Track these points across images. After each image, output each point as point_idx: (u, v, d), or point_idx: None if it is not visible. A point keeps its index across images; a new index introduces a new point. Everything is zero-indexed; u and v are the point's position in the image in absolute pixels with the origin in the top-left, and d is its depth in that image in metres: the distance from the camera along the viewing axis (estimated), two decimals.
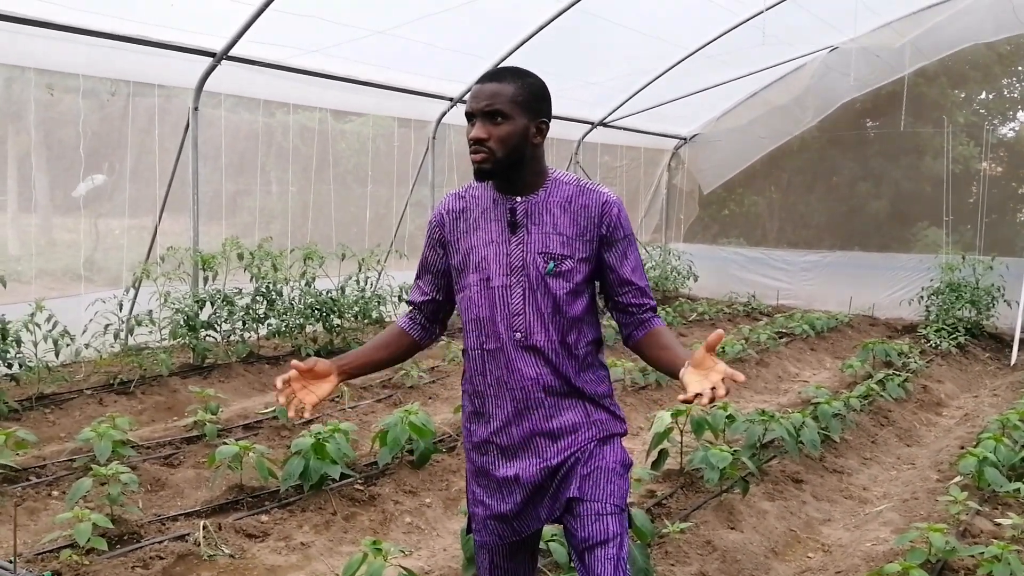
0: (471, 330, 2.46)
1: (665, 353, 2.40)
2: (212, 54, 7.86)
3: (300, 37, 8.13)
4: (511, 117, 2.35)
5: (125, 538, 4.22)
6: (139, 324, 7.51)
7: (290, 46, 8.23)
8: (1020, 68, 13.51)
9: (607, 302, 2.54)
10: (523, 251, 2.39)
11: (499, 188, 2.46)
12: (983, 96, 13.78)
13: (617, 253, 2.43)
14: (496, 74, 2.40)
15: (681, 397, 2.08)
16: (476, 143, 2.35)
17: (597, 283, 2.51)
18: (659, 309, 12.05)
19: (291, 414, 2.40)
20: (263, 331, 8.58)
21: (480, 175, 2.41)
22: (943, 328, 11.09)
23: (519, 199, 2.43)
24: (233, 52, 7.87)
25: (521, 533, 2.49)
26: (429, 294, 2.61)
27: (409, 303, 2.66)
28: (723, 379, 2.07)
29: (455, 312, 2.59)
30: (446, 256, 2.53)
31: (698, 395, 2.04)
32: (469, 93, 2.43)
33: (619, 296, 2.47)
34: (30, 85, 7.33)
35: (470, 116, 2.38)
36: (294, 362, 2.40)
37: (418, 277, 2.64)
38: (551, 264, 2.38)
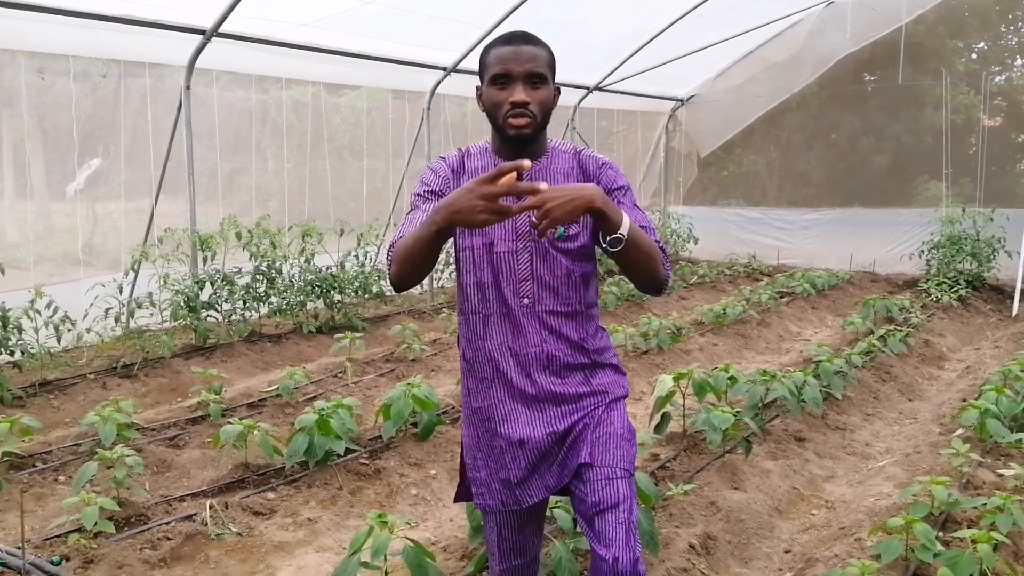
0: (471, 294, 2.43)
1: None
2: (202, 31, 7.79)
3: (290, 10, 8.04)
4: (548, 81, 2.33)
5: (132, 520, 4.25)
6: (140, 307, 7.52)
7: (280, 20, 8.14)
8: (1019, 13, 13.35)
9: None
10: (530, 217, 2.34)
11: (503, 154, 2.42)
12: (981, 44, 13.63)
13: (617, 202, 2.36)
14: (527, 37, 2.34)
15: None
16: (520, 107, 2.28)
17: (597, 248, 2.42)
18: None
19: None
20: (264, 310, 8.59)
21: (517, 141, 2.34)
22: (944, 281, 11.08)
23: None
24: (223, 28, 7.79)
25: (526, 502, 2.47)
26: None
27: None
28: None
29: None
30: None
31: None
32: (497, 53, 2.31)
33: None
34: (21, 70, 7.29)
35: (505, 77, 2.29)
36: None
37: (409, 224, 2.36)
38: (560, 229, 2.35)
